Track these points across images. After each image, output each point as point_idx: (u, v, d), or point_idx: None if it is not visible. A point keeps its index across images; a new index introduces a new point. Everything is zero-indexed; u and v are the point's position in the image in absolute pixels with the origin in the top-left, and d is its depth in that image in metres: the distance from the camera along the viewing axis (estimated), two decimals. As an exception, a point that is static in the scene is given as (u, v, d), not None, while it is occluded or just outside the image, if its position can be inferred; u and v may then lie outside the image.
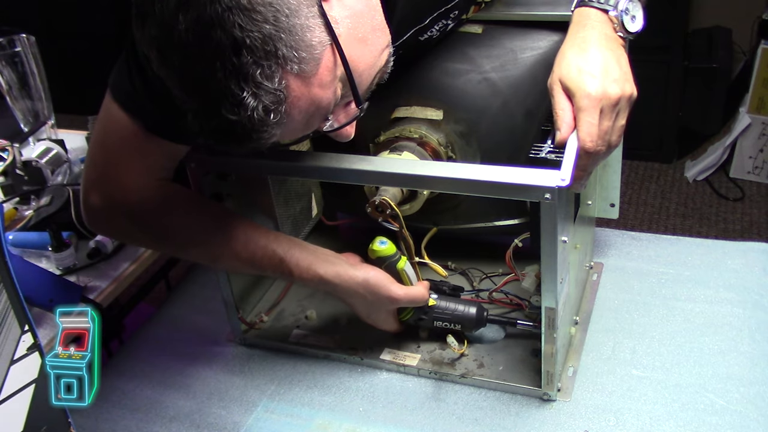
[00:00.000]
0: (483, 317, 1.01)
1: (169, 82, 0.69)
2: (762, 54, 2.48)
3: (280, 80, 0.67)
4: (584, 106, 0.80)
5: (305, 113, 0.72)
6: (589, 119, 0.80)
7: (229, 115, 0.67)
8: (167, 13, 0.65)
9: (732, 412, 0.90)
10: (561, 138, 0.81)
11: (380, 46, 0.78)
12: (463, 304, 1.01)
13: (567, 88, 0.82)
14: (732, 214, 2.55)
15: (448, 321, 1.01)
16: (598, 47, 0.83)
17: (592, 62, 0.81)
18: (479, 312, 1.01)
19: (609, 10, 0.85)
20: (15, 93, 1.49)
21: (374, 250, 0.97)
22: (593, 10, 0.86)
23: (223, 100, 0.66)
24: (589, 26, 0.85)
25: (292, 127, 0.73)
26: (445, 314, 1.01)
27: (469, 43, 1.00)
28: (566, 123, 0.82)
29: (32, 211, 1.29)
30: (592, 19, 0.85)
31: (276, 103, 0.68)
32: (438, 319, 1.01)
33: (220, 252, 0.95)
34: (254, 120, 0.67)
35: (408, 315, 1.02)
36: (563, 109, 0.82)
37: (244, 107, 0.66)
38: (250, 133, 0.69)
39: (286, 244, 0.95)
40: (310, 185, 1.08)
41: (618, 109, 0.82)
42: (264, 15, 0.64)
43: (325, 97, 0.72)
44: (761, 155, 2.63)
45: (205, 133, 0.71)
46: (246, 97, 0.66)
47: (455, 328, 1.01)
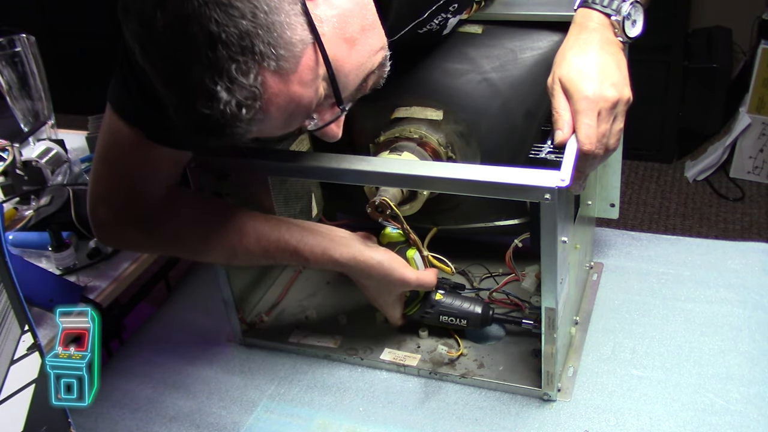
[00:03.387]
0: (489, 315, 1.01)
1: (152, 76, 0.70)
2: (762, 54, 2.48)
3: (256, 76, 0.67)
4: (582, 108, 0.81)
5: (284, 110, 0.72)
6: (588, 121, 0.81)
7: (203, 109, 0.67)
8: (147, 8, 0.65)
9: (732, 412, 0.90)
10: (562, 138, 0.82)
11: (371, 47, 0.78)
12: (469, 302, 1.02)
13: (566, 89, 0.82)
14: (732, 214, 2.55)
15: (455, 316, 1.01)
16: (598, 50, 0.83)
17: (591, 65, 0.82)
18: (485, 310, 1.01)
19: (612, 14, 0.85)
20: (15, 93, 1.49)
21: (386, 234, 0.99)
22: (596, 13, 0.86)
23: (197, 94, 0.66)
24: (591, 29, 0.85)
25: (272, 124, 0.73)
26: (452, 310, 1.01)
27: (469, 43, 1.00)
28: (567, 123, 0.82)
29: (32, 211, 1.29)
30: (593, 21, 0.86)
31: (251, 99, 0.68)
32: (444, 314, 1.01)
33: (233, 251, 0.95)
34: (227, 115, 0.67)
35: (414, 309, 1.02)
36: (564, 110, 0.82)
37: (218, 101, 0.66)
38: (224, 127, 0.69)
39: (298, 233, 0.94)
40: (310, 185, 1.08)
41: (616, 113, 0.82)
42: (241, 11, 0.65)
43: (306, 96, 0.72)
44: (761, 155, 2.63)
45: (183, 128, 0.71)
46: (219, 92, 0.66)
47: (461, 324, 1.01)
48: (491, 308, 1.02)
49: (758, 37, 2.53)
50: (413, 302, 1.02)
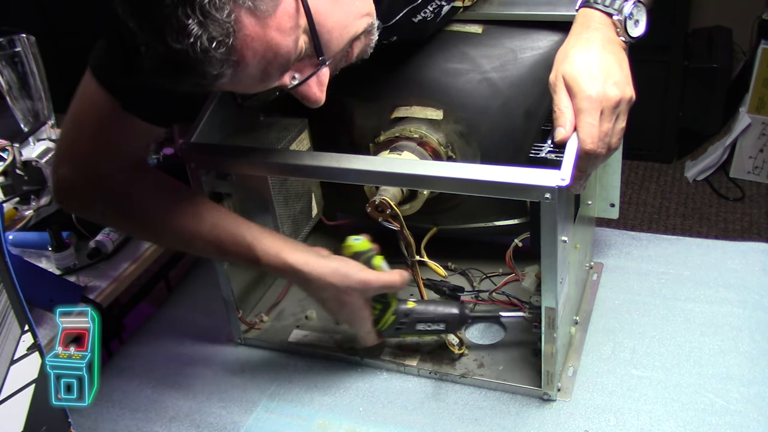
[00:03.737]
0: (465, 314, 0.98)
1: (124, 13, 0.69)
2: (762, 54, 2.48)
3: (230, 13, 0.67)
4: (585, 107, 0.81)
5: (261, 57, 0.71)
6: (590, 120, 0.80)
7: (173, 44, 0.66)
8: None
9: (732, 412, 0.90)
10: (563, 136, 0.81)
11: (357, 9, 0.78)
12: (444, 305, 0.99)
13: (569, 87, 0.82)
14: (732, 214, 2.55)
15: (431, 321, 0.97)
16: (601, 49, 0.83)
17: (594, 64, 0.82)
18: (461, 309, 0.97)
19: (613, 14, 0.85)
20: (15, 93, 1.49)
21: (349, 245, 0.95)
22: (597, 13, 0.86)
23: (168, 28, 0.66)
24: (593, 28, 0.85)
25: (248, 72, 0.72)
26: (427, 315, 0.97)
27: (469, 43, 1.01)
28: (569, 120, 0.82)
29: (32, 211, 1.29)
30: (596, 21, 0.86)
31: (224, 36, 0.67)
32: (420, 320, 0.97)
33: (186, 236, 0.93)
34: (198, 50, 0.66)
35: (387, 323, 0.97)
36: (566, 107, 0.82)
37: (188, 35, 0.66)
38: (195, 65, 0.68)
39: (255, 231, 0.93)
40: (310, 185, 1.08)
41: (618, 112, 0.82)
42: None
43: (284, 44, 0.71)
44: (761, 155, 2.63)
45: (154, 68, 0.70)
46: (191, 25, 0.65)
47: (439, 328, 0.98)
48: (467, 307, 0.99)
49: (758, 37, 2.53)
50: (384, 315, 0.97)
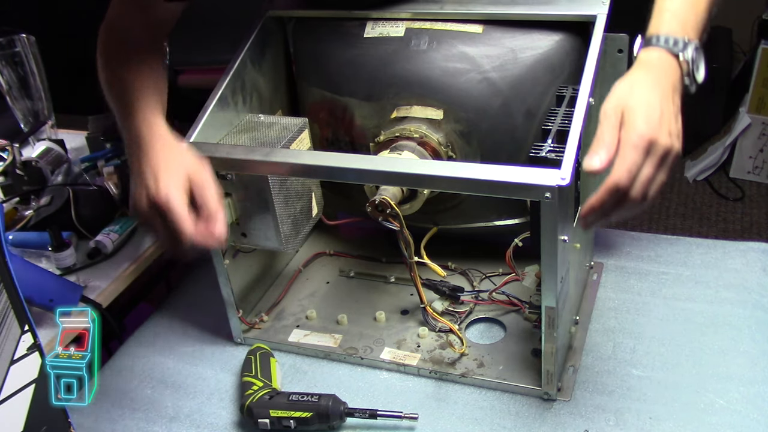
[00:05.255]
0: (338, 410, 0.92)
1: None
2: (762, 54, 2.48)
3: None
4: (633, 141, 0.76)
5: None
6: (634, 156, 0.76)
7: None
8: None
9: (732, 412, 0.90)
10: (599, 166, 0.76)
11: None
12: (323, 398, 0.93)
13: (623, 118, 0.78)
14: (732, 214, 2.55)
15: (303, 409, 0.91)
16: (667, 96, 0.80)
17: (656, 107, 0.78)
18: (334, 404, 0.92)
19: (679, 56, 0.83)
20: (15, 93, 1.49)
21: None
22: (666, 55, 0.83)
23: None
24: (662, 70, 0.82)
25: None
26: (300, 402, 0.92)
27: (469, 42, 1.01)
28: (607, 149, 0.76)
29: (32, 211, 1.29)
30: (665, 64, 0.83)
31: None
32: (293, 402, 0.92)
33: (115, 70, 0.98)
34: None
35: (257, 396, 0.94)
36: (610, 135, 0.77)
37: None
38: None
39: (151, 111, 0.93)
40: (310, 185, 1.08)
41: (663, 163, 0.77)
42: None
43: None
44: (761, 155, 2.63)
45: None
46: None
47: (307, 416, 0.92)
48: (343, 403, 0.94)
49: (758, 37, 2.53)
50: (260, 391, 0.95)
